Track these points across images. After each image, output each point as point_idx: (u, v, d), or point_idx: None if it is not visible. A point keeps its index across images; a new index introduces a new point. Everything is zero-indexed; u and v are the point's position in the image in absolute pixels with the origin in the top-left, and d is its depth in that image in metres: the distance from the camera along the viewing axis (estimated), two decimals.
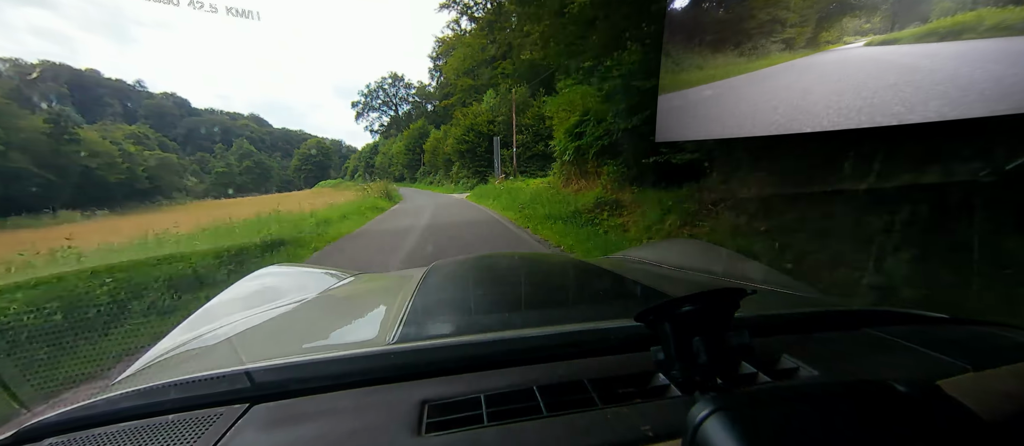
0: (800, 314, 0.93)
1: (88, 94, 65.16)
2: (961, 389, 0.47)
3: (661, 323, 0.54)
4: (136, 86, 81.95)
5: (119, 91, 73.83)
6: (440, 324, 1.01)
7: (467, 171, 27.50)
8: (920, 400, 0.41)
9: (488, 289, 1.40)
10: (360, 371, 0.71)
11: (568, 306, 1.18)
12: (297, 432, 0.58)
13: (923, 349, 0.72)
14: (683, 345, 0.52)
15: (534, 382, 0.65)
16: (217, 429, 0.59)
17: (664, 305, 0.53)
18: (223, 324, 1.27)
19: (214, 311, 1.44)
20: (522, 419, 0.57)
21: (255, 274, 1.90)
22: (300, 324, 1.17)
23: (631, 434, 0.52)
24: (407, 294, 1.19)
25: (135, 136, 49.33)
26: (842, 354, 0.73)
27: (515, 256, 2.76)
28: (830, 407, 0.40)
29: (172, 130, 69.38)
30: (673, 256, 1.86)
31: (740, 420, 0.38)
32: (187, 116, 79.35)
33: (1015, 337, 0.78)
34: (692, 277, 1.52)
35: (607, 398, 0.61)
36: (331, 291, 1.59)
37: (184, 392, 0.68)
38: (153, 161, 42.51)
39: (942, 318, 0.91)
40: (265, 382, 0.68)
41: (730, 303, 0.53)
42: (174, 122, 73.38)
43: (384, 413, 0.60)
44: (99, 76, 74.47)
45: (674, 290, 1.17)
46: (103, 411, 0.66)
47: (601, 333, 0.77)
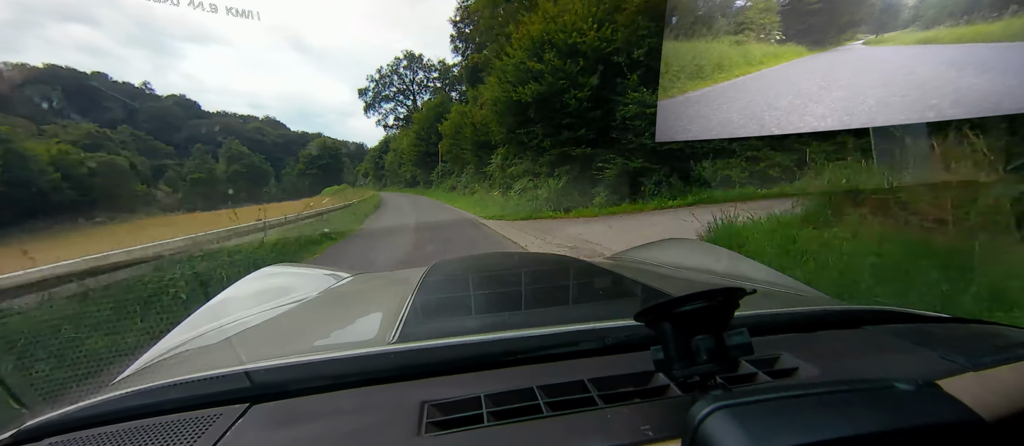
0: (800, 314, 0.93)
1: (88, 97, 63.29)
2: (961, 389, 0.47)
3: (661, 322, 0.54)
4: (144, 89, 78.81)
5: (124, 94, 71.53)
6: (440, 324, 1.01)
7: (537, 157, 12.71)
8: (920, 400, 0.41)
9: (488, 289, 1.40)
10: (360, 371, 0.71)
11: (568, 306, 1.18)
12: (297, 432, 0.58)
13: (923, 349, 0.72)
14: (683, 345, 0.52)
15: (534, 382, 0.65)
16: (217, 429, 0.59)
17: (663, 304, 0.53)
18: (223, 324, 1.27)
19: (214, 311, 1.44)
20: (522, 419, 0.57)
21: (255, 274, 1.90)
22: (300, 324, 1.17)
23: (631, 434, 0.52)
24: (407, 294, 1.19)
25: (92, 137, 39.88)
26: (842, 354, 0.73)
27: (515, 256, 2.75)
28: (830, 407, 0.40)
29: (175, 134, 65.65)
30: (673, 256, 1.86)
31: (740, 419, 0.38)
32: (195, 119, 75.92)
33: (1015, 337, 0.78)
34: (692, 277, 1.52)
35: (607, 398, 0.61)
36: (331, 291, 1.59)
37: (184, 392, 0.68)
38: (95, 164, 32.56)
39: (942, 318, 0.91)
40: (265, 382, 0.68)
41: (730, 302, 0.53)
42: (179, 125, 69.76)
43: (384, 413, 0.60)
44: (105, 79, 72.88)
45: (674, 290, 1.17)
46: (103, 411, 0.66)
47: (601, 333, 0.77)
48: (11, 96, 40.84)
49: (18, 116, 36.99)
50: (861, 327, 0.84)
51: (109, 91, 68.25)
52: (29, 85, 45.86)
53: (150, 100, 74.82)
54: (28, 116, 38.61)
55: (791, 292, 1.27)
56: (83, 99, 61.69)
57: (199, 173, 51.33)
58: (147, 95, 76.89)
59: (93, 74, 70.90)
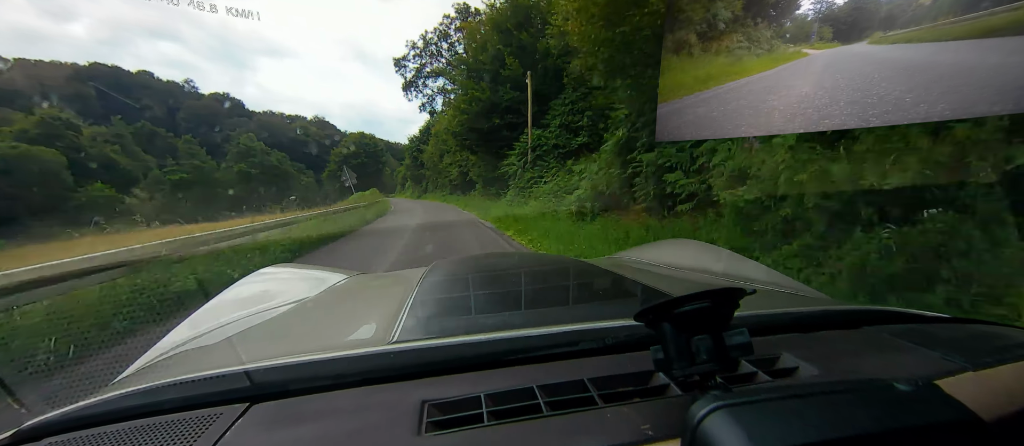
0: (800, 314, 0.93)
1: (126, 94, 60.17)
2: (961, 389, 0.47)
3: (660, 322, 0.54)
4: (185, 86, 73.97)
5: (164, 93, 67.69)
6: (440, 324, 1.01)
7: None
8: (920, 400, 0.41)
9: (488, 289, 1.40)
10: (360, 371, 0.71)
11: (568, 306, 1.18)
12: (297, 432, 0.58)
13: (923, 348, 0.72)
14: (683, 345, 0.52)
15: (534, 382, 0.65)
16: (217, 429, 0.59)
17: (663, 304, 0.53)
18: (223, 324, 1.27)
19: (214, 311, 1.44)
20: (522, 418, 0.57)
21: (255, 274, 1.90)
22: (300, 324, 1.17)
23: (631, 433, 0.52)
24: (407, 293, 1.19)
25: (46, 127, 30.61)
26: (842, 353, 0.73)
27: (515, 256, 2.75)
28: (830, 406, 0.40)
29: (211, 133, 60.01)
30: (673, 256, 1.86)
31: (740, 419, 0.38)
32: (236, 117, 71.72)
33: (1015, 337, 0.78)
34: (692, 277, 1.52)
35: (607, 397, 0.61)
36: (331, 291, 1.59)
37: (184, 392, 0.68)
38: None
39: (942, 318, 0.91)
40: (265, 382, 0.68)
41: (730, 302, 0.53)
42: (218, 123, 64.75)
43: (384, 413, 0.60)
44: (150, 77, 69.86)
45: (674, 290, 1.17)
46: (102, 411, 0.66)
47: (601, 333, 0.77)
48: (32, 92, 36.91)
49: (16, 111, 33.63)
50: (861, 327, 0.84)
51: (144, 88, 64.22)
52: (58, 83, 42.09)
53: (190, 98, 70.71)
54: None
55: (791, 292, 1.27)
56: (111, 98, 58.14)
57: (181, 173, 38.79)
58: (186, 93, 72.61)
59: (137, 73, 67.77)
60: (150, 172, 38.52)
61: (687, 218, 6.65)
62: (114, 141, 39.85)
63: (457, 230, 11.91)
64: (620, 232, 7.76)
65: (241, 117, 74.02)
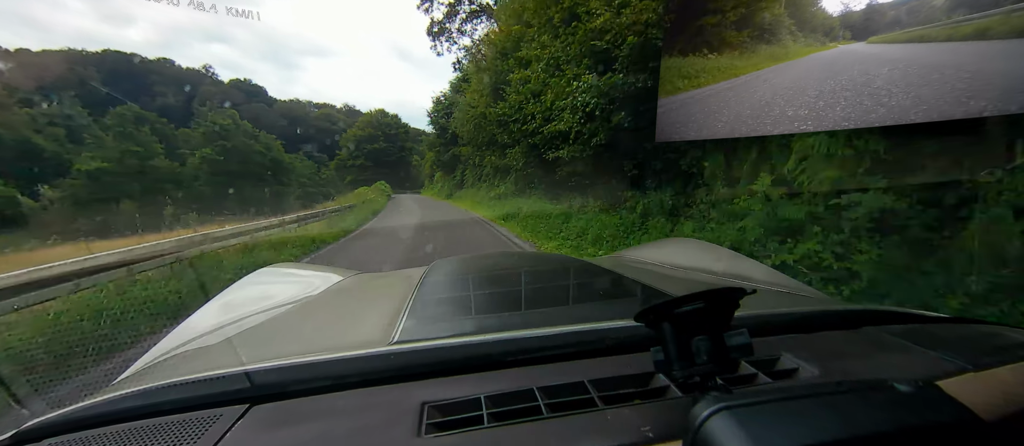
0: (800, 314, 0.93)
1: (138, 82, 57.25)
2: (961, 389, 0.47)
3: (660, 323, 0.54)
4: (204, 71, 69.48)
5: (182, 79, 63.84)
6: (440, 324, 1.01)
7: None
8: (920, 400, 0.41)
9: (488, 289, 1.40)
10: (360, 371, 0.71)
11: (568, 306, 1.18)
12: (297, 433, 0.58)
13: (923, 349, 0.72)
14: (683, 345, 0.52)
15: (534, 383, 0.65)
16: (217, 430, 0.59)
17: (663, 305, 0.53)
18: (223, 324, 1.27)
19: (214, 311, 1.44)
20: (522, 420, 0.56)
21: (255, 274, 1.90)
22: (300, 324, 1.17)
23: (631, 435, 0.52)
24: (407, 294, 1.19)
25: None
26: (842, 354, 0.73)
27: (515, 256, 2.75)
28: (831, 408, 0.40)
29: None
30: (673, 256, 1.86)
31: (742, 421, 0.38)
32: (256, 103, 66.01)
33: (1015, 337, 0.78)
34: (692, 277, 1.52)
35: (608, 399, 0.61)
36: (331, 291, 1.59)
37: (184, 393, 0.68)
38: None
39: (942, 318, 0.91)
40: (265, 383, 0.68)
41: (730, 303, 0.53)
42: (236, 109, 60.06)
43: (384, 414, 0.60)
44: (171, 64, 66.73)
45: (674, 290, 1.17)
46: (102, 411, 0.66)
47: (601, 333, 0.76)
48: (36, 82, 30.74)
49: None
50: (861, 327, 0.84)
51: (157, 75, 60.13)
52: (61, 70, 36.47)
53: (210, 84, 66.85)
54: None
55: (791, 292, 1.27)
56: (130, 83, 55.30)
57: (97, 161, 26.78)
58: (207, 79, 68.24)
59: (156, 60, 63.21)
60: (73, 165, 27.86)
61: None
62: (60, 123, 29.49)
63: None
64: None
65: (259, 102, 68.10)
